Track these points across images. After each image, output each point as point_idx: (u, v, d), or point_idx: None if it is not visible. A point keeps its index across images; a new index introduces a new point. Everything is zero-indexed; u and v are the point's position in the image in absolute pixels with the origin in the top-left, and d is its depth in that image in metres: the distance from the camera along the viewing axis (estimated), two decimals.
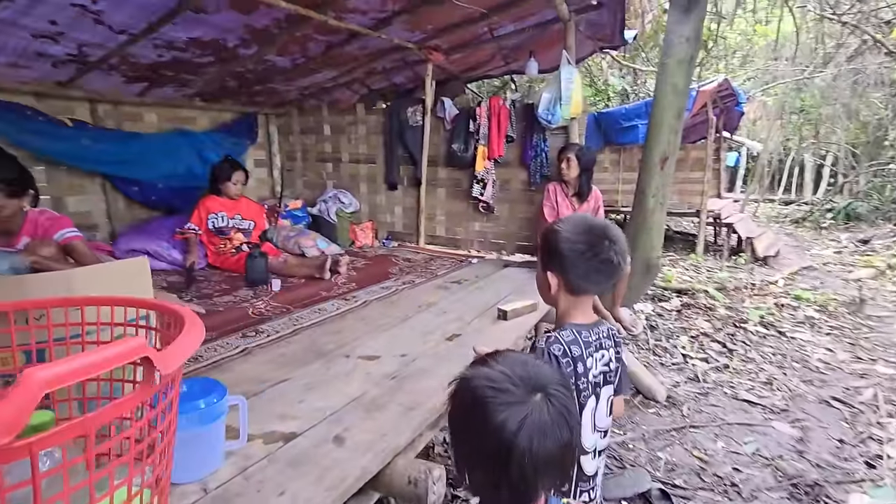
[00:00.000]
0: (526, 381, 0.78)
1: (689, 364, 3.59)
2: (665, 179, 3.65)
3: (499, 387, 0.76)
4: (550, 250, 1.18)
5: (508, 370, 0.79)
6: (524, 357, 0.86)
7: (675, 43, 3.43)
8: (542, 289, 1.27)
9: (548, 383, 0.79)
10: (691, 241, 7.89)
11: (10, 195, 1.64)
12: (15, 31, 2.54)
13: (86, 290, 1.05)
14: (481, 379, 0.79)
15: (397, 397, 1.62)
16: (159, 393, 0.77)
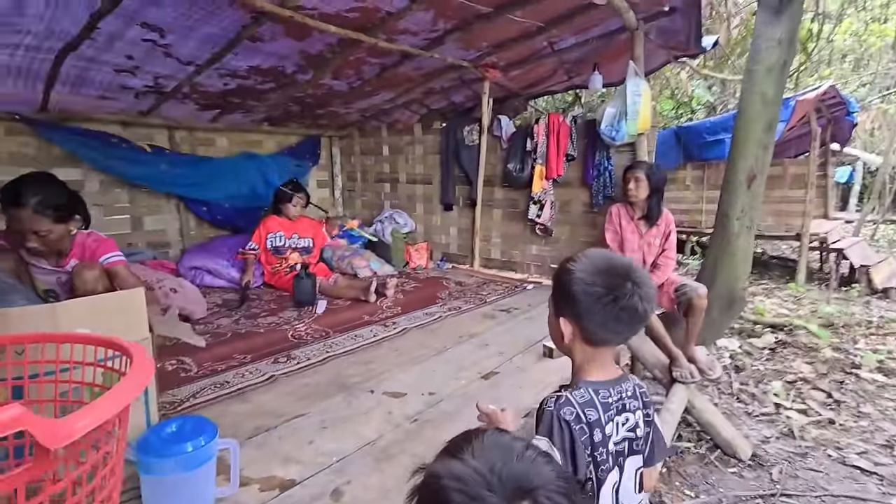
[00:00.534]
0: (508, 483, 0.59)
1: (782, 415, 3.05)
2: (753, 200, 3.20)
3: (470, 492, 0.58)
4: (563, 292, 0.97)
5: (485, 467, 0.60)
6: (513, 445, 0.66)
7: (764, 48, 3.02)
8: (554, 336, 1.06)
9: (538, 486, 0.59)
10: (791, 267, 6.97)
11: (57, 220, 1.73)
12: (100, 67, 2.79)
13: (74, 324, 1.02)
14: (449, 478, 0.60)
15: (413, 446, 1.46)
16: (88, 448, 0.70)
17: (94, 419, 0.62)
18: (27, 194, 1.66)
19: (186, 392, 1.79)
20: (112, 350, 0.89)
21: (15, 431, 0.53)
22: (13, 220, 1.68)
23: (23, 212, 1.66)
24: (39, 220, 1.69)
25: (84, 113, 3.32)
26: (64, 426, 0.58)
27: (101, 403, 0.65)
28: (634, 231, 2.92)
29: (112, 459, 0.73)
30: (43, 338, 0.90)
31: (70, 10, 2.17)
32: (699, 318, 2.66)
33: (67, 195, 1.77)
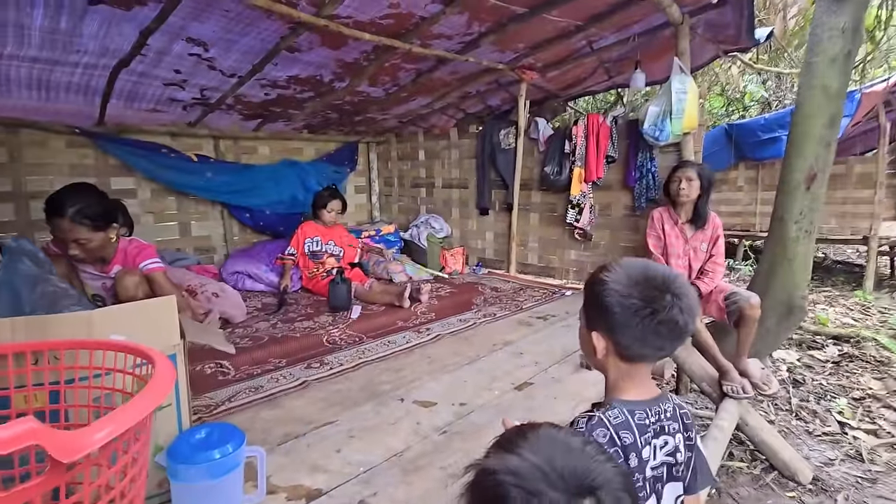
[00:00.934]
0: (570, 479, 0.55)
1: (848, 436, 2.80)
2: (813, 202, 2.96)
3: (530, 487, 0.54)
4: (595, 304, 0.90)
5: (545, 463, 0.56)
6: (570, 440, 0.61)
7: (826, 37, 2.80)
8: (586, 350, 0.99)
9: (602, 484, 0.55)
10: (857, 273, 6.45)
11: (95, 229, 1.82)
12: (151, 82, 2.94)
13: (109, 330, 1.04)
14: (506, 473, 0.56)
15: (441, 458, 1.42)
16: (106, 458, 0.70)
17: (111, 431, 0.62)
18: (65, 205, 1.75)
19: (223, 396, 1.83)
20: (139, 358, 0.91)
21: (28, 445, 0.53)
22: (56, 228, 1.78)
23: (62, 221, 1.75)
24: (77, 229, 1.78)
25: (137, 125, 3.51)
26: (78, 439, 0.58)
27: (119, 414, 0.65)
28: (679, 236, 2.77)
29: (132, 470, 0.73)
30: (76, 344, 0.93)
31: (122, 28, 2.29)
32: (751, 328, 2.48)
33: (105, 205, 1.86)
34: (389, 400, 1.80)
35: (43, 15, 2.10)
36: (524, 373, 2.04)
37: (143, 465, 0.79)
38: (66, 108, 3.05)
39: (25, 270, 1.28)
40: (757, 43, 3.36)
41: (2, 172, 3.10)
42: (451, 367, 2.11)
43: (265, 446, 1.42)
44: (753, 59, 6.07)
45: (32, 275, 1.27)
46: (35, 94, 2.80)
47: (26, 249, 1.36)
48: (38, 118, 3.14)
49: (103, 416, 0.96)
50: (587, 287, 0.96)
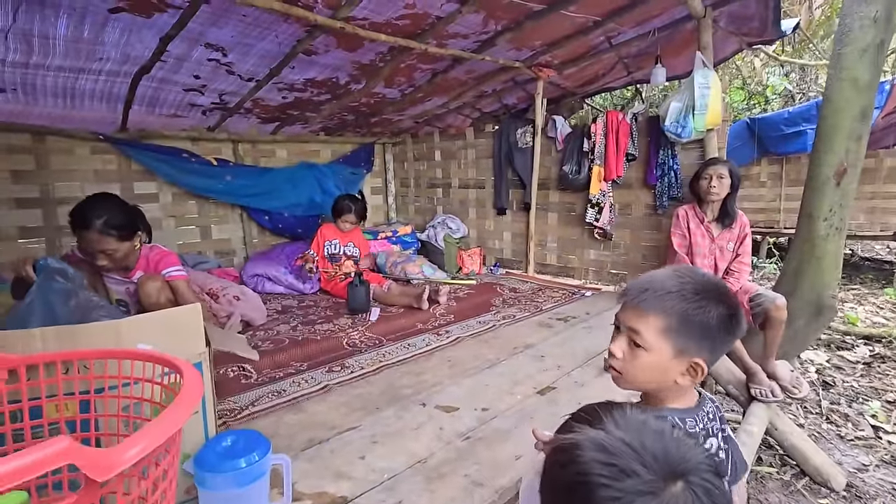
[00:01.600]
0: (662, 461, 0.52)
1: (882, 440, 2.71)
2: (843, 198, 2.86)
3: (621, 466, 0.51)
4: (700, 330, 0.85)
5: (636, 441, 0.53)
6: (658, 423, 0.58)
7: (857, 27, 2.70)
8: (653, 376, 0.90)
9: (692, 468, 0.52)
10: (887, 270, 6.24)
11: (122, 238, 1.85)
12: (171, 87, 2.97)
13: (136, 339, 1.05)
14: (595, 450, 0.53)
15: (465, 466, 1.40)
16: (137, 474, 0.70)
17: (143, 448, 0.62)
18: (92, 217, 1.77)
19: (246, 400, 1.84)
20: (166, 367, 0.91)
21: (62, 464, 0.53)
22: (83, 241, 1.80)
23: (90, 233, 1.78)
24: (106, 240, 1.80)
25: (158, 131, 3.57)
26: (111, 456, 0.57)
27: (150, 430, 0.65)
28: (705, 235, 2.70)
29: (163, 483, 0.73)
30: (105, 354, 0.94)
31: (142, 35, 2.32)
32: (778, 330, 2.41)
33: (128, 213, 1.88)
34: (411, 404, 1.79)
35: (66, 24, 2.14)
36: (546, 377, 2.02)
37: (172, 476, 0.78)
38: (90, 116, 3.11)
39: (58, 287, 1.31)
40: (783, 35, 3.26)
41: (29, 179, 3.17)
42: (472, 370, 2.10)
43: (289, 452, 1.42)
44: (777, 51, 5.91)
45: (65, 290, 1.30)
46: (60, 102, 2.86)
47: (55, 267, 1.39)
48: (63, 126, 3.21)
49: (132, 424, 0.98)
50: (684, 313, 0.86)
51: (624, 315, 0.92)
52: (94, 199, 1.85)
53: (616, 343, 0.91)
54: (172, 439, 0.74)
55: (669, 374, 0.88)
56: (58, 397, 0.95)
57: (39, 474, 0.51)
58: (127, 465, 0.58)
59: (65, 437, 0.53)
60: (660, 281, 0.89)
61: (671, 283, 0.87)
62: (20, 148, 3.12)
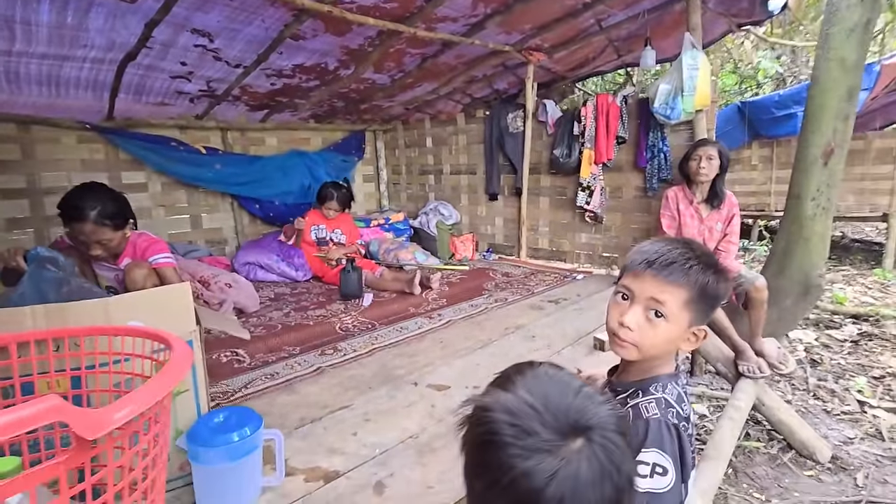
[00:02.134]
0: (562, 417, 0.55)
1: (868, 415, 2.77)
2: (831, 178, 2.89)
3: (523, 425, 0.54)
4: (712, 297, 0.89)
5: (540, 401, 0.56)
6: (568, 380, 0.61)
7: (844, 6, 2.71)
8: (665, 345, 0.91)
9: (595, 425, 0.55)
10: (876, 251, 6.32)
11: (116, 228, 1.85)
12: (158, 75, 2.94)
13: (126, 317, 1.06)
14: (500, 411, 0.56)
15: (455, 441, 1.42)
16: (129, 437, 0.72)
17: (132, 410, 0.63)
18: (85, 208, 1.76)
19: (239, 383, 1.85)
20: (157, 342, 0.92)
21: (53, 421, 0.54)
22: (76, 231, 1.79)
23: (85, 225, 1.76)
24: (101, 230, 1.79)
25: (146, 119, 3.53)
26: (100, 416, 0.59)
27: (139, 394, 0.66)
28: (694, 215, 2.73)
29: (154, 449, 0.75)
30: (95, 331, 0.95)
31: (126, 21, 2.29)
32: (760, 310, 2.46)
33: (119, 202, 1.87)
34: (403, 384, 1.81)
35: (49, 10, 2.11)
36: (537, 356, 2.04)
37: (163, 445, 0.80)
38: (76, 104, 3.08)
39: (50, 276, 1.31)
40: (771, 15, 3.26)
41: (16, 169, 3.14)
42: (464, 351, 2.12)
43: (282, 430, 1.43)
44: (767, 33, 5.91)
45: (57, 278, 1.30)
46: (45, 91, 2.82)
47: (47, 256, 1.39)
48: (49, 115, 3.17)
49: None
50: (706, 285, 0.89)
51: (641, 285, 0.88)
52: (85, 189, 1.83)
53: (630, 315, 0.88)
54: (162, 406, 0.75)
55: (679, 341, 0.90)
56: (49, 374, 0.96)
57: (29, 429, 0.53)
58: (116, 426, 0.59)
59: (54, 396, 0.54)
60: (680, 252, 0.89)
61: (691, 255, 0.89)
62: (5, 137, 3.08)
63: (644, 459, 0.82)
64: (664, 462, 0.82)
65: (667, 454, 0.82)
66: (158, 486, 0.80)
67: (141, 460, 0.72)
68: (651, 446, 0.82)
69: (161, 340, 0.89)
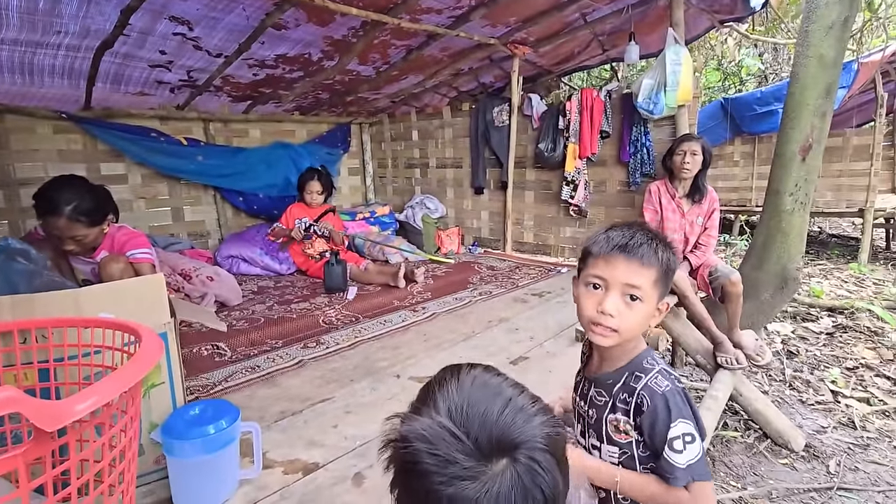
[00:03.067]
0: (484, 439, 0.52)
1: (841, 405, 2.84)
2: (809, 173, 2.95)
3: (443, 454, 0.52)
4: (672, 271, 0.94)
5: (459, 423, 0.53)
6: (497, 388, 0.57)
7: (822, 4, 2.76)
8: (642, 325, 0.93)
9: (520, 443, 0.53)
10: (852, 246, 6.47)
11: (91, 224, 1.79)
12: (136, 64, 2.88)
13: (96, 308, 1.04)
14: (418, 440, 0.54)
15: None
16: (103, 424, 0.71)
17: (95, 401, 0.62)
18: (60, 202, 1.70)
19: (219, 376, 1.84)
20: (128, 334, 0.90)
21: (9, 412, 0.53)
22: (50, 226, 1.73)
23: (58, 220, 1.70)
24: (74, 226, 1.74)
25: (125, 109, 3.45)
26: (61, 408, 0.58)
27: (103, 385, 0.65)
28: (676, 210, 2.76)
29: (122, 442, 0.74)
30: (63, 322, 0.93)
31: (101, 7, 2.23)
32: (736, 304, 2.51)
33: (98, 197, 1.81)
34: (385, 377, 1.81)
35: None
36: (519, 348, 2.06)
37: (132, 437, 0.79)
38: (52, 93, 3.00)
39: (20, 268, 1.27)
40: (752, 12, 3.30)
41: None
42: (447, 344, 2.13)
43: (262, 423, 1.43)
44: (749, 30, 5.98)
45: (28, 271, 1.26)
46: (19, 79, 2.74)
47: (17, 248, 1.35)
48: (23, 103, 3.08)
49: None
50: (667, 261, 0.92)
51: (614, 272, 0.89)
52: (61, 182, 1.77)
53: (609, 301, 0.88)
54: (130, 396, 0.74)
55: (652, 318, 0.94)
56: (16, 367, 0.94)
57: None
58: (76, 417, 0.58)
59: (10, 387, 0.53)
60: (643, 235, 0.91)
61: (652, 237, 0.92)
62: None
63: (675, 434, 0.86)
64: (690, 429, 0.87)
65: (688, 420, 0.87)
66: (128, 478, 0.79)
67: (108, 452, 0.71)
68: (676, 418, 0.86)
69: (130, 331, 0.88)
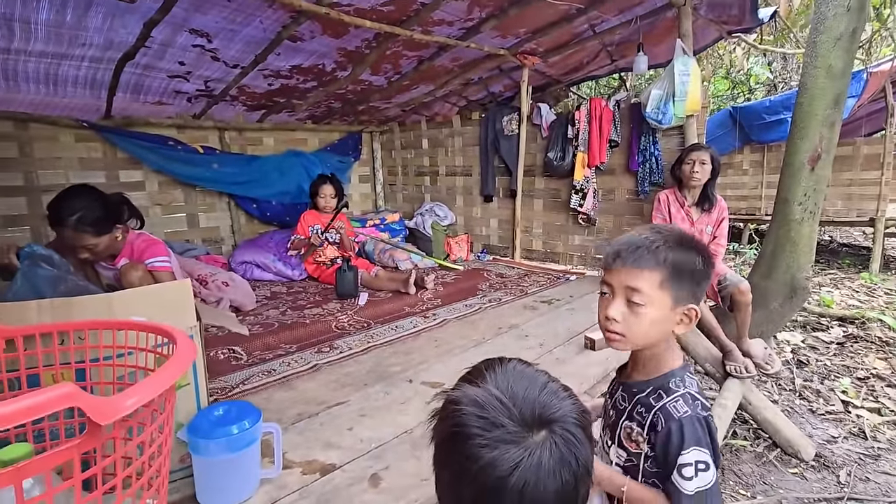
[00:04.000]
0: (528, 411, 0.59)
1: (851, 415, 2.83)
2: (818, 183, 2.97)
3: (490, 418, 0.58)
4: (694, 276, 0.91)
5: (506, 395, 0.60)
6: (535, 376, 0.65)
7: (831, 15, 2.79)
8: (654, 331, 0.92)
9: (558, 418, 0.59)
10: (863, 255, 6.43)
11: (98, 234, 1.81)
12: (156, 74, 2.96)
13: (128, 312, 1.09)
14: (469, 404, 0.59)
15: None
16: (143, 422, 0.75)
17: (141, 398, 0.66)
18: (65, 214, 1.73)
19: (237, 379, 1.88)
20: (161, 336, 0.95)
21: (67, 407, 0.57)
22: (59, 236, 1.77)
23: (65, 230, 1.74)
24: (82, 236, 1.77)
25: (144, 118, 3.55)
26: (113, 403, 0.62)
27: (147, 384, 0.69)
28: (685, 219, 2.78)
29: (159, 437, 0.78)
30: (99, 324, 0.97)
31: (125, 20, 2.32)
32: (745, 313, 2.52)
33: (106, 206, 1.83)
34: (398, 381, 1.85)
35: (49, 9, 2.13)
36: (529, 354, 2.08)
37: (167, 435, 0.83)
38: (74, 103, 3.09)
39: (44, 273, 1.31)
40: (761, 23, 3.34)
41: (13, 167, 3.14)
42: (458, 349, 2.16)
43: (280, 425, 1.47)
44: (758, 40, 6.00)
45: (52, 276, 1.31)
46: (43, 89, 2.84)
47: (41, 254, 1.39)
48: (46, 112, 3.18)
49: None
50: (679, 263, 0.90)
51: (617, 277, 0.91)
52: (69, 194, 1.79)
53: (613, 307, 0.91)
54: (168, 395, 0.79)
55: (669, 324, 0.92)
56: (54, 367, 0.99)
57: (47, 413, 0.56)
58: (127, 412, 0.63)
59: (68, 384, 0.58)
60: (646, 237, 0.92)
61: (657, 238, 0.92)
62: (2, 135, 3.09)
63: (687, 461, 0.85)
64: (705, 457, 0.85)
65: (705, 449, 0.85)
66: (163, 473, 0.83)
67: (147, 448, 0.76)
68: (690, 446, 0.85)
69: (164, 334, 0.92)
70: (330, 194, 3.61)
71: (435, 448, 0.66)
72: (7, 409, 0.54)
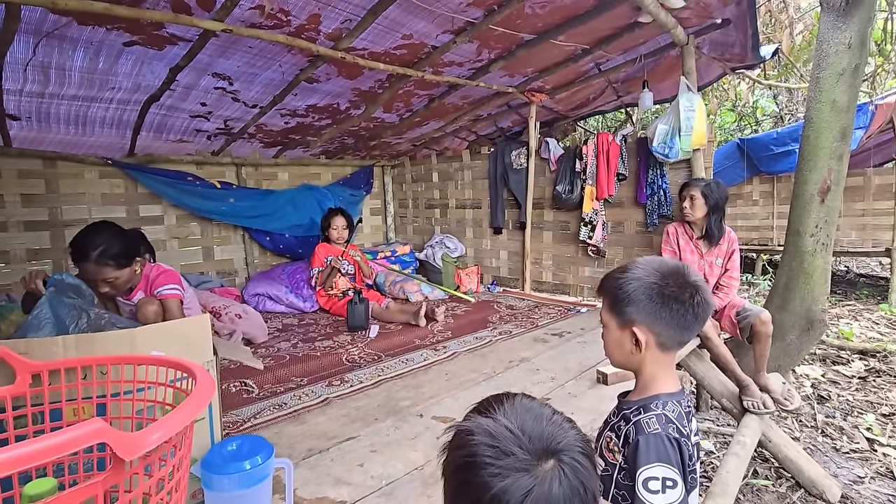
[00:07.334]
0: (537, 441, 0.61)
1: (877, 453, 2.74)
2: (829, 214, 2.97)
3: (501, 447, 0.60)
4: (633, 299, 0.97)
5: (516, 425, 0.63)
6: (539, 408, 0.68)
7: (832, 52, 2.86)
8: (617, 353, 1.04)
9: (564, 447, 0.62)
10: (882, 286, 6.31)
11: (119, 267, 1.89)
12: (178, 114, 3.10)
13: (149, 347, 1.12)
14: (481, 434, 0.62)
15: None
16: (156, 462, 0.77)
17: (164, 433, 0.69)
18: (88, 249, 1.82)
19: (248, 413, 1.89)
20: (180, 371, 0.98)
21: (96, 443, 0.59)
22: (83, 271, 1.85)
23: (87, 265, 1.82)
24: (103, 270, 1.85)
25: (165, 155, 3.69)
26: (138, 439, 0.64)
27: (170, 419, 0.71)
28: (694, 251, 2.79)
29: (177, 473, 0.79)
30: (121, 359, 1.00)
31: (153, 66, 2.45)
32: (765, 344, 2.48)
33: (126, 241, 1.91)
34: (409, 416, 1.84)
35: (83, 57, 2.27)
36: (540, 389, 2.07)
37: (185, 471, 0.84)
38: (100, 141, 3.23)
39: (69, 303, 1.36)
40: (762, 60, 3.42)
41: (39, 202, 3.27)
42: (469, 383, 2.15)
43: (291, 460, 1.47)
44: (762, 75, 6.12)
45: (77, 307, 1.35)
46: (72, 129, 2.98)
47: (70, 283, 1.44)
48: (73, 151, 3.32)
49: (145, 426, 1.04)
50: (611, 288, 1.01)
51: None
52: (91, 230, 1.88)
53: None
54: (187, 431, 0.80)
55: (624, 345, 1.00)
56: (76, 401, 1.01)
57: (75, 450, 0.58)
58: (151, 447, 0.65)
59: (98, 420, 0.60)
60: (614, 270, 1.06)
61: (616, 269, 1.05)
62: (31, 173, 3.23)
63: (654, 475, 0.88)
64: (673, 475, 0.88)
65: (673, 467, 0.88)
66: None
67: (167, 483, 0.77)
68: (656, 461, 0.88)
69: (184, 370, 0.95)
70: (342, 226, 3.68)
71: (446, 479, 0.67)
72: (42, 444, 0.56)
